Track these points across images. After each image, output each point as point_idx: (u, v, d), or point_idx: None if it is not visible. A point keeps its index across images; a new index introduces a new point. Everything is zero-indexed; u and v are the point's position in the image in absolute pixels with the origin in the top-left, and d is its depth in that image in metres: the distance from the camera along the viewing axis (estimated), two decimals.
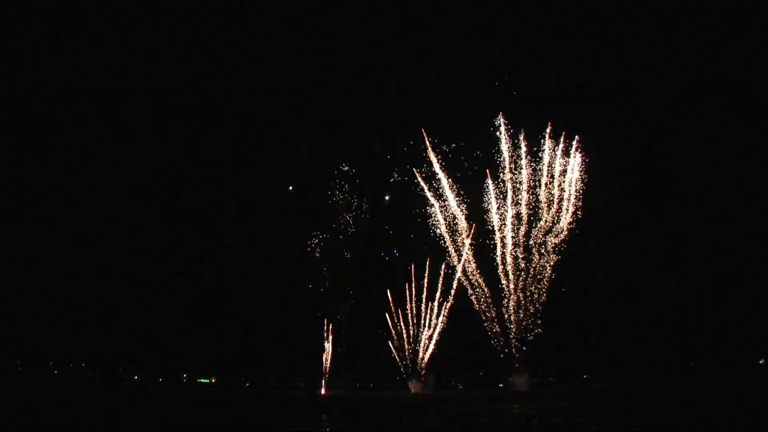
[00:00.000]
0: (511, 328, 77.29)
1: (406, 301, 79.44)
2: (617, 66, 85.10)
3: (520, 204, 76.43)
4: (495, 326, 77.44)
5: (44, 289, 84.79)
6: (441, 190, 78.29)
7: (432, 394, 76.29)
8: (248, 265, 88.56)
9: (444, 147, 78.58)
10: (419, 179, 78.19)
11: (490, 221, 77.17)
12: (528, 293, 77.17)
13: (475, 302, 77.64)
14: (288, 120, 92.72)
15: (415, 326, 79.03)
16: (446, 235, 78.16)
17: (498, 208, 76.58)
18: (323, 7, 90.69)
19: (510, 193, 76.37)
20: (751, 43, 78.31)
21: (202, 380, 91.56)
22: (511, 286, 77.17)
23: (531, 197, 76.72)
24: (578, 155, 76.22)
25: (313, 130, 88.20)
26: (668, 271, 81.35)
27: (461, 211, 77.83)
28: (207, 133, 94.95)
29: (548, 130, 75.68)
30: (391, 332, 79.63)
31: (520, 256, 76.94)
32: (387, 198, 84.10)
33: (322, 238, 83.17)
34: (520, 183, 76.40)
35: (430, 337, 78.37)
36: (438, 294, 78.10)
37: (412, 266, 79.15)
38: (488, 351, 78.28)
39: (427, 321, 78.43)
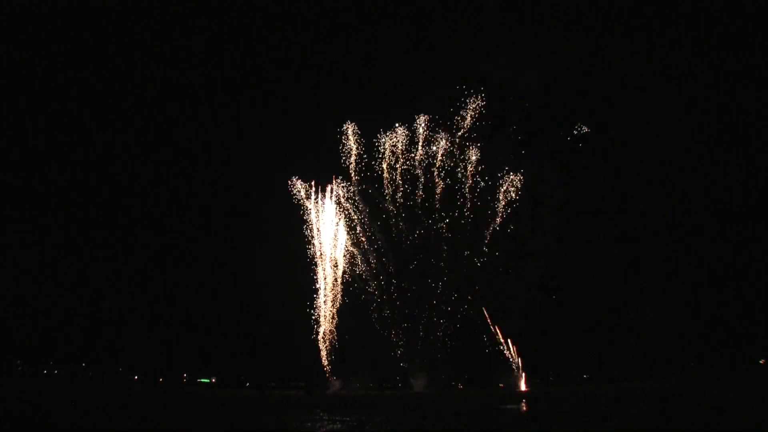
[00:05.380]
0: (513, 328, 77.46)
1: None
2: (617, 67, 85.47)
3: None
4: (495, 326, 77.53)
5: (44, 289, 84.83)
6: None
7: (430, 393, 76.23)
8: (249, 265, 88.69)
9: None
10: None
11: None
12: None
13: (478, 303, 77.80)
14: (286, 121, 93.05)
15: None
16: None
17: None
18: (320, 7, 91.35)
19: None
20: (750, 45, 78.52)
21: (202, 380, 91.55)
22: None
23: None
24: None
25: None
26: (669, 272, 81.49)
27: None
28: (208, 137, 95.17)
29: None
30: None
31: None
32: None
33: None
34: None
35: None
36: None
37: None
38: (488, 351, 78.39)
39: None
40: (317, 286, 79.72)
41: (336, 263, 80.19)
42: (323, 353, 79.72)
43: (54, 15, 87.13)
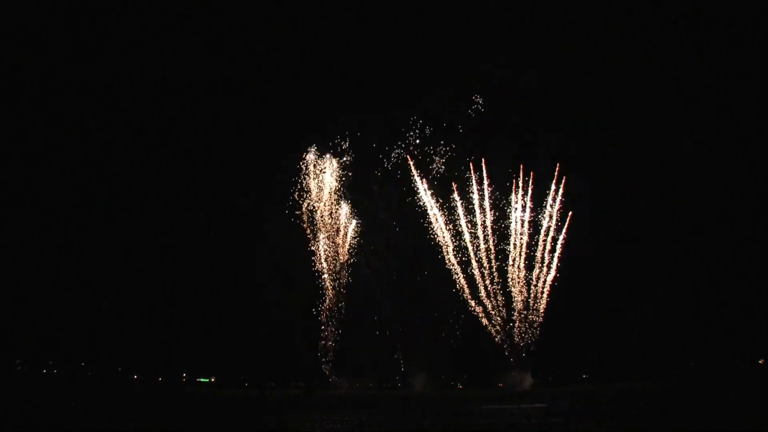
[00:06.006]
0: (512, 328, 77.37)
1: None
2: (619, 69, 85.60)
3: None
4: (496, 326, 77.48)
5: (45, 289, 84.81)
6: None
7: (430, 393, 76.21)
8: (249, 265, 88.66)
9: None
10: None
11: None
12: (531, 295, 77.44)
13: (476, 303, 77.76)
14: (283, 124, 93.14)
15: None
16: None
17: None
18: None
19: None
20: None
21: (201, 380, 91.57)
22: (516, 288, 77.39)
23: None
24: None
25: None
26: (669, 272, 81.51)
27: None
28: (208, 137, 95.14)
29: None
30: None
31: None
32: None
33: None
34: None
35: None
36: None
37: None
38: (488, 350, 78.39)
39: None
40: (319, 283, 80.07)
41: (336, 267, 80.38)
42: (323, 353, 79.81)
43: (54, 15, 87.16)
